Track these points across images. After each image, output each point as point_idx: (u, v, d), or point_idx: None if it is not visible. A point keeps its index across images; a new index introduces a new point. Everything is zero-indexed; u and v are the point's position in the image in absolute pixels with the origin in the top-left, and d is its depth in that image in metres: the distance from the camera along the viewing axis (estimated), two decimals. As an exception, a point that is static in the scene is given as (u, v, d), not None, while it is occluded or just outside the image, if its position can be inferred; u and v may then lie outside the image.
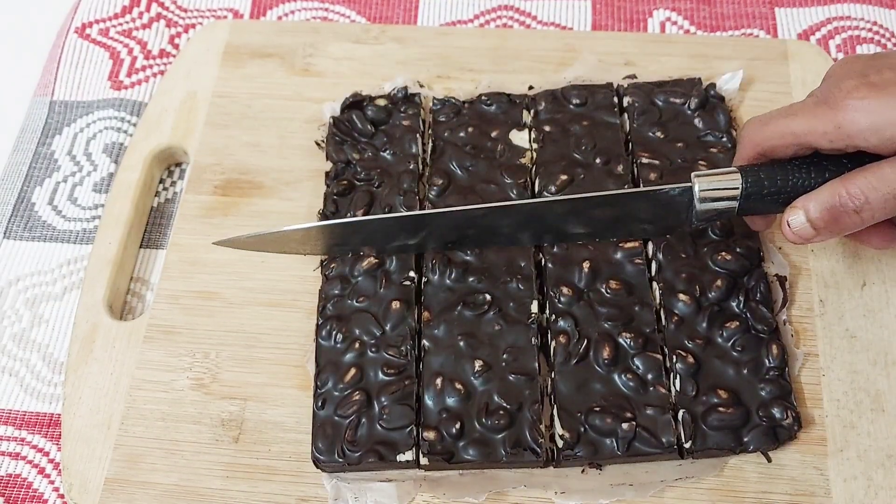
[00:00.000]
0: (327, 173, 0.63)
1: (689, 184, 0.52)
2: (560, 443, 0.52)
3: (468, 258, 0.57)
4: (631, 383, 0.53)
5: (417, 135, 0.63)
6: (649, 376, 0.53)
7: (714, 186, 0.51)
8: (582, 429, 0.52)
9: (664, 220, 0.55)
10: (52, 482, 0.56)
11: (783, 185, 0.50)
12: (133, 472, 0.54)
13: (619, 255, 0.57)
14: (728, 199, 0.51)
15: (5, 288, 0.62)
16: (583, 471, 0.52)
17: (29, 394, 0.58)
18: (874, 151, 0.47)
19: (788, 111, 0.50)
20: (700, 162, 0.60)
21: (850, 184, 0.47)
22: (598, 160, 0.61)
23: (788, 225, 0.50)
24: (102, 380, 0.57)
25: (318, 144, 0.65)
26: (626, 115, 0.64)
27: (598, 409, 0.52)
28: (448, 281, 0.57)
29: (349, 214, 0.60)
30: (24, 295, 0.62)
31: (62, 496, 0.55)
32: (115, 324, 0.59)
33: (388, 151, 0.63)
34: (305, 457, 0.53)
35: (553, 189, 0.60)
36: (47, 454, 0.57)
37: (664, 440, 0.51)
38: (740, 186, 0.50)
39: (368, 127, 0.64)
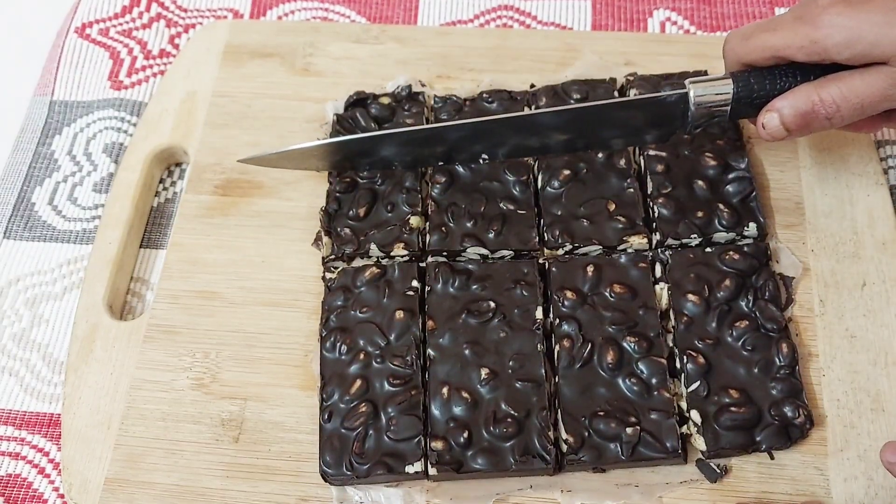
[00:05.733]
0: (330, 171, 0.63)
1: (685, 90, 0.53)
2: (564, 447, 0.51)
3: (471, 266, 0.57)
4: (635, 388, 0.52)
5: (420, 133, 0.63)
6: (653, 381, 0.53)
7: (708, 92, 0.53)
8: (586, 433, 0.51)
9: (659, 128, 0.57)
10: (52, 482, 0.56)
11: (771, 90, 0.52)
12: (133, 472, 0.54)
13: (623, 259, 0.57)
14: (721, 104, 0.53)
15: (5, 288, 0.62)
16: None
17: (29, 394, 0.58)
18: (847, 63, 0.49)
19: (768, 26, 0.52)
20: (706, 154, 0.60)
21: (824, 91, 0.50)
22: (599, 154, 0.61)
23: (763, 126, 0.52)
24: (102, 380, 0.57)
25: None
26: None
27: (602, 413, 0.52)
28: (451, 289, 0.56)
29: (351, 212, 0.60)
30: (24, 295, 0.62)
31: (62, 496, 0.55)
32: (115, 324, 0.59)
33: None
34: (305, 457, 0.53)
35: (556, 184, 0.60)
36: (47, 454, 0.57)
37: (668, 445, 0.51)
38: (732, 92, 0.52)
39: (372, 125, 0.64)
